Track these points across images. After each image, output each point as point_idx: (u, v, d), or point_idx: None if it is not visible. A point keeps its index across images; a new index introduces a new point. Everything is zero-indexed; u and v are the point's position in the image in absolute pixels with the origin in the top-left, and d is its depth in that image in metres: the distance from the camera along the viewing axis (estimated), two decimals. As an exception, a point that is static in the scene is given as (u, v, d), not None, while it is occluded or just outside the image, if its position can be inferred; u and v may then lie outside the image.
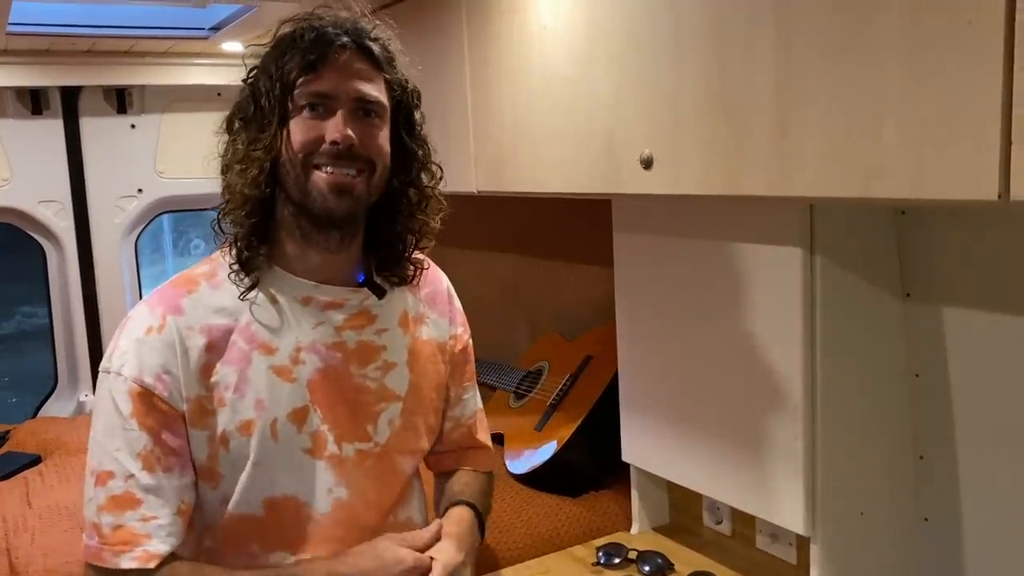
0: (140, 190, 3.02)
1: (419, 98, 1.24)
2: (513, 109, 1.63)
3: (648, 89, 1.30)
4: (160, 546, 1.10)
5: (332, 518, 1.19)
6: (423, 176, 1.24)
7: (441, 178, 1.27)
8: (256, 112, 1.14)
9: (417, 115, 1.24)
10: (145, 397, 1.11)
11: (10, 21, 2.16)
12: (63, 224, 2.92)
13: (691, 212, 1.54)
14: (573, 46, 1.45)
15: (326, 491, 1.18)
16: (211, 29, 2.53)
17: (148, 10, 2.44)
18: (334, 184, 1.13)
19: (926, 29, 0.92)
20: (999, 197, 0.86)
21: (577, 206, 2.06)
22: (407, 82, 1.22)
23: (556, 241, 2.40)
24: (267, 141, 1.13)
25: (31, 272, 3.09)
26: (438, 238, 1.29)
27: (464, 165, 1.80)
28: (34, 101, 2.82)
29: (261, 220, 1.16)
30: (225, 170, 1.16)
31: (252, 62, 1.18)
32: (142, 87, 2.95)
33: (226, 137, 1.18)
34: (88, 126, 2.92)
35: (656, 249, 1.62)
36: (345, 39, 1.14)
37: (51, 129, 2.87)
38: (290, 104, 1.13)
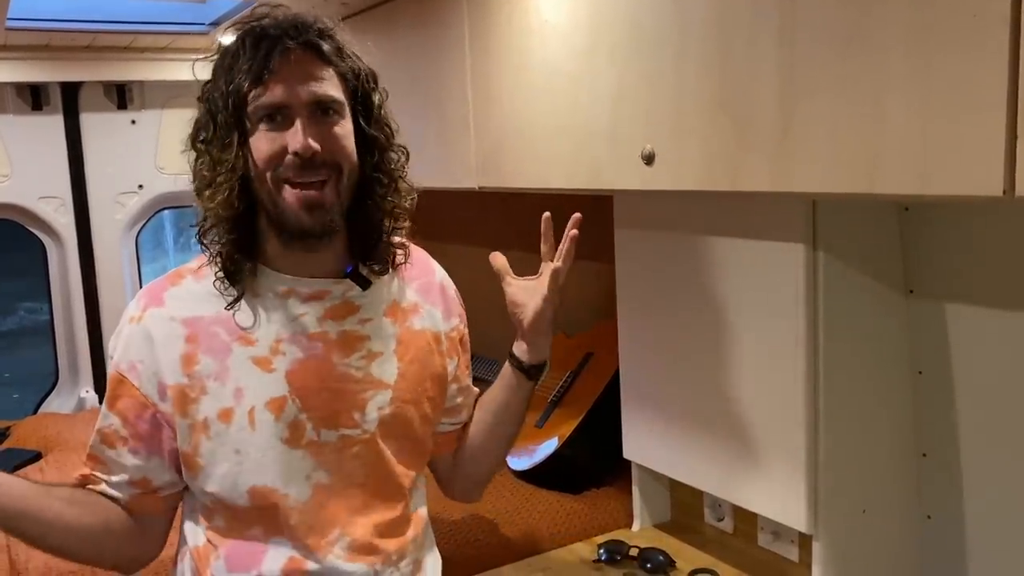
0: (141, 186, 3.02)
1: (375, 80, 1.21)
2: (514, 104, 1.62)
3: (650, 84, 1.29)
4: (111, 491, 1.19)
5: (313, 503, 1.19)
6: (389, 158, 1.22)
7: (407, 159, 1.25)
8: (215, 131, 1.13)
9: (375, 97, 1.21)
10: (119, 382, 1.17)
11: (9, 16, 2.16)
12: (64, 220, 2.92)
13: (693, 208, 1.53)
14: (575, 40, 1.44)
15: (304, 478, 1.19)
16: (211, 24, 2.52)
17: (148, 5, 2.43)
18: (304, 200, 1.12)
19: (931, 23, 0.91)
20: (1004, 193, 0.86)
21: (578, 201, 2.05)
22: (360, 68, 1.19)
23: (557, 237, 2.39)
24: (231, 162, 1.12)
25: (32, 268, 3.09)
26: (438, 234, 1.28)
27: (464, 161, 1.79)
28: (34, 97, 2.82)
29: (242, 234, 1.16)
30: (198, 192, 1.16)
31: (205, 74, 1.17)
32: (142, 83, 2.94)
33: (192, 156, 1.17)
34: (88, 122, 2.92)
35: (657, 245, 1.61)
36: (288, 41, 1.11)
37: (51, 125, 2.86)
38: (247, 119, 1.12)
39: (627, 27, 1.33)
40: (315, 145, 1.11)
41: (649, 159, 1.30)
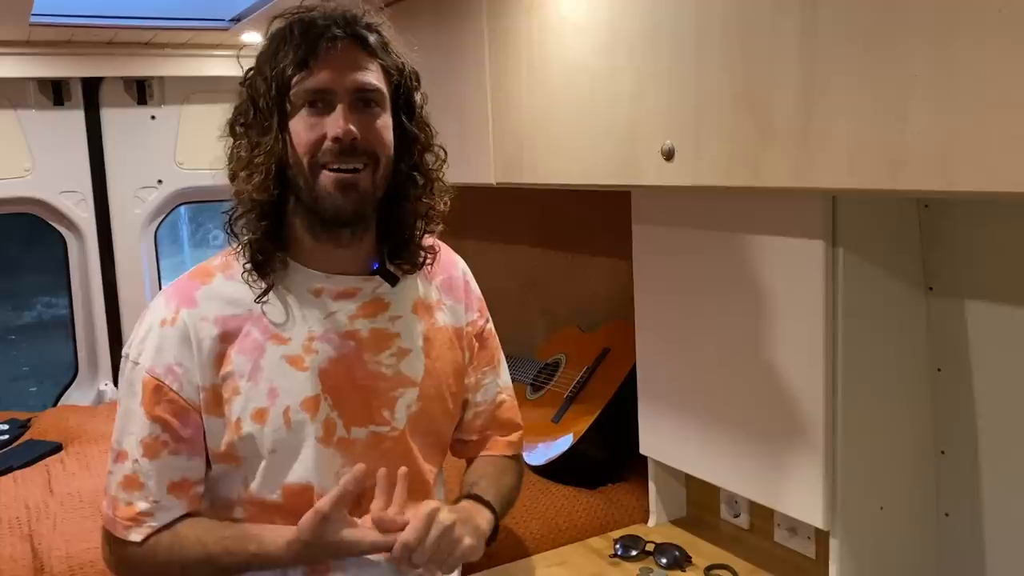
0: (160, 181, 3.04)
1: (418, 80, 1.23)
2: (533, 100, 1.63)
3: (670, 79, 1.29)
4: (160, 524, 1.17)
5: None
6: (427, 159, 1.24)
7: (445, 160, 1.26)
8: (255, 115, 1.14)
9: (417, 97, 1.23)
10: (156, 388, 1.16)
11: (33, 12, 2.18)
12: (84, 215, 2.94)
13: (711, 204, 1.53)
14: (594, 37, 1.44)
15: (333, 475, 1.20)
16: (231, 20, 2.54)
17: (169, 1, 2.45)
18: (339, 182, 1.13)
19: (956, 17, 0.90)
20: (1031, 188, 0.86)
21: (595, 198, 2.06)
22: (404, 65, 1.21)
23: (574, 233, 2.39)
24: (269, 145, 1.13)
25: (52, 262, 3.11)
26: (456, 230, 1.29)
27: (483, 156, 1.80)
28: (56, 92, 2.85)
29: (273, 223, 1.17)
30: (232, 176, 1.17)
31: (249, 63, 1.18)
32: (162, 78, 2.97)
33: (230, 141, 1.18)
34: (109, 117, 2.94)
35: (676, 241, 1.61)
36: (336, 30, 1.13)
37: (72, 120, 2.89)
38: (288, 104, 1.13)
39: (646, 23, 1.33)
40: (355, 131, 1.12)
41: (669, 155, 1.30)
